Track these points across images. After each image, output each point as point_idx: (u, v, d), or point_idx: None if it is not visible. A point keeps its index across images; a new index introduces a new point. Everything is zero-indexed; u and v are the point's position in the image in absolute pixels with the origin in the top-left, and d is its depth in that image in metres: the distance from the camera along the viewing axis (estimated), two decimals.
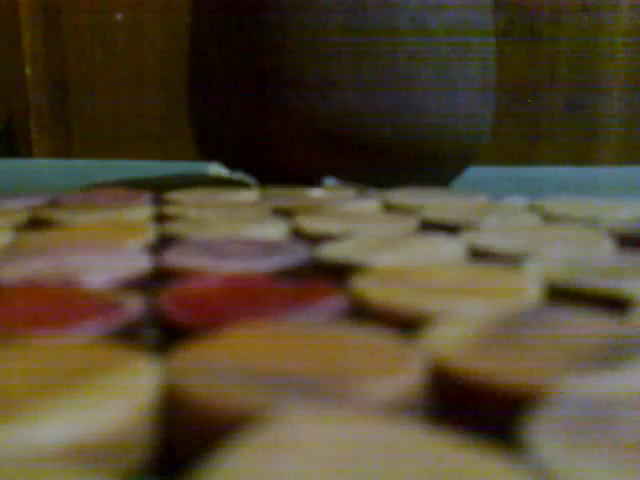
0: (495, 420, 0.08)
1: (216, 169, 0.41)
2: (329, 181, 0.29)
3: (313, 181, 0.29)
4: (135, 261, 0.14)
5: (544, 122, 0.53)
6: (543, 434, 0.07)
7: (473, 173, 0.35)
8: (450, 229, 0.18)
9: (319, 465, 0.06)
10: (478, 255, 0.16)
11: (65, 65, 0.60)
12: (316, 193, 0.26)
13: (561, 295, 0.12)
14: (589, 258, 0.14)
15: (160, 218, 0.21)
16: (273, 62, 0.29)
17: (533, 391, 0.08)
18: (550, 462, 0.06)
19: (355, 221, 0.19)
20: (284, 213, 0.21)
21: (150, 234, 0.17)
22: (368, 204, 0.23)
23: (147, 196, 0.25)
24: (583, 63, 0.52)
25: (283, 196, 0.25)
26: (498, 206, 0.23)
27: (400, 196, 0.24)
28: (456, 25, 0.29)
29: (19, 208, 0.22)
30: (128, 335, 0.11)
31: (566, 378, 0.08)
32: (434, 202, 0.23)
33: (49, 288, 0.12)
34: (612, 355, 0.09)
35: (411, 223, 0.19)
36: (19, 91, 0.61)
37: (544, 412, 0.07)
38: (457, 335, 0.10)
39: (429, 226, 0.19)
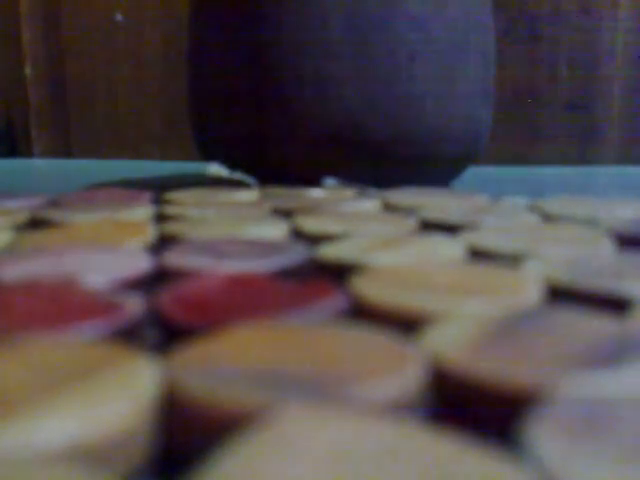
0: (495, 420, 0.08)
1: (216, 169, 0.41)
2: (329, 181, 0.29)
3: (313, 181, 0.29)
4: (135, 261, 0.14)
5: (544, 122, 0.53)
6: (543, 434, 0.07)
7: (473, 173, 0.35)
8: (450, 229, 0.18)
9: (319, 465, 0.06)
10: (478, 255, 0.16)
11: (65, 65, 0.60)
12: (316, 193, 0.26)
13: (561, 295, 0.12)
14: (589, 258, 0.14)
15: (160, 218, 0.21)
16: (273, 62, 0.29)
17: (533, 391, 0.08)
18: (550, 462, 0.06)
19: (355, 221, 0.19)
20: (284, 213, 0.21)
21: (150, 234, 0.17)
22: (368, 204, 0.23)
23: (147, 196, 0.25)
24: (583, 63, 0.52)
25: (283, 196, 0.25)
26: (498, 206, 0.23)
27: (400, 196, 0.24)
28: (456, 25, 0.29)
29: (19, 208, 0.22)
30: (128, 335, 0.11)
31: (566, 378, 0.08)
32: (434, 202, 0.23)
33: (49, 288, 0.12)
34: (612, 355, 0.09)
35: (411, 223, 0.19)
36: (19, 91, 0.61)
37: (544, 412, 0.07)
38: (457, 335, 0.10)
39: (429, 226, 0.19)
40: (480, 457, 0.06)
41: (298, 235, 0.18)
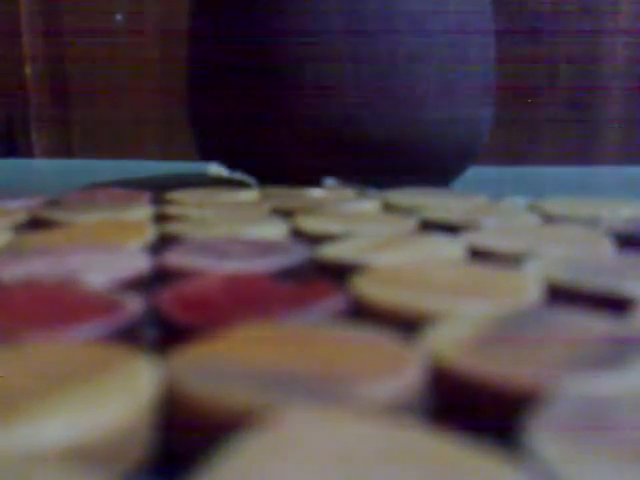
0: (495, 420, 0.08)
1: (216, 169, 0.41)
2: (329, 181, 0.29)
3: (313, 181, 0.29)
4: (135, 261, 0.14)
5: (544, 122, 0.53)
6: (543, 434, 0.07)
7: (473, 173, 0.35)
8: (450, 229, 0.18)
9: (319, 465, 0.06)
10: (478, 255, 0.16)
11: (65, 65, 0.60)
12: (316, 193, 0.26)
13: (561, 295, 0.12)
14: (589, 258, 0.14)
15: (160, 218, 0.21)
16: (273, 62, 0.29)
17: (533, 391, 0.08)
18: (550, 462, 0.06)
19: (355, 221, 0.19)
20: (284, 213, 0.21)
21: (150, 234, 0.17)
22: (368, 204, 0.23)
23: (147, 196, 0.25)
24: (583, 63, 0.52)
25: (283, 196, 0.25)
26: (498, 206, 0.23)
27: (400, 196, 0.24)
28: (456, 26, 0.29)
29: (19, 208, 0.22)
30: (128, 335, 0.11)
31: (566, 378, 0.08)
32: (434, 202, 0.23)
33: (49, 288, 0.12)
34: (612, 355, 0.09)
35: (411, 223, 0.19)
36: (19, 91, 0.61)
37: (544, 412, 0.07)
38: (457, 335, 0.10)
39: (429, 226, 0.19)
40: (480, 457, 0.06)
41: (298, 235, 0.18)
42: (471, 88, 0.30)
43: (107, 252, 0.15)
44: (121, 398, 0.08)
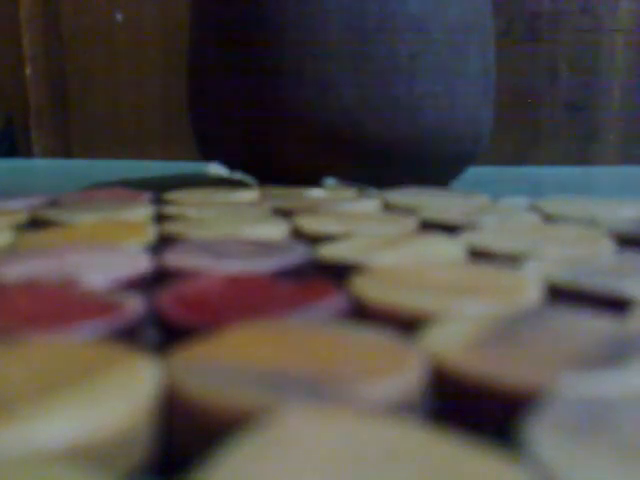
0: (495, 420, 0.08)
1: (216, 169, 0.41)
2: (329, 181, 0.29)
3: (313, 181, 0.29)
4: (135, 261, 0.14)
5: (544, 122, 0.53)
6: (543, 434, 0.07)
7: (473, 173, 0.35)
8: (450, 229, 0.18)
9: (319, 465, 0.06)
10: (478, 255, 0.16)
11: (65, 65, 0.60)
12: (316, 193, 0.26)
13: (561, 295, 0.12)
14: (589, 258, 0.14)
15: (160, 218, 0.21)
16: (273, 62, 0.29)
17: (533, 391, 0.08)
18: (550, 462, 0.06)
19: (355, 221, 0.19)
20: (284, 213, 0.21)
21: (150, 234, 0.17)
22: (368, 204, 0.23)
23: (147, 196, 0.25)
24: (583, 63, 0.52)
25: (283, 196, 0.25)
26: (498, 206, 0.23)
27: (400, 196, 0.24)
28: (456, 25, 0.29)
29: (19, 208, 0.22)
30: (128, 335, 0.11)
31: (566, 378, 0.08)
32: (434, 202, 0.23)
33: (49, 288, 0.12)
34: (612, 355, 0.09)
35: (411, 223, 0.19)
36: (19, 91, 0.61)
37: (544, 412, 0.07)
38: (457, 335, 0.10)
39: (429, 226, 0.19)
40: (480, 457, 0.06)
41: (298, 235, 0.18)
42: (471, 88, 0.30)
43: (107, 252, 0.15)
44: (121, 398, 0.08)
